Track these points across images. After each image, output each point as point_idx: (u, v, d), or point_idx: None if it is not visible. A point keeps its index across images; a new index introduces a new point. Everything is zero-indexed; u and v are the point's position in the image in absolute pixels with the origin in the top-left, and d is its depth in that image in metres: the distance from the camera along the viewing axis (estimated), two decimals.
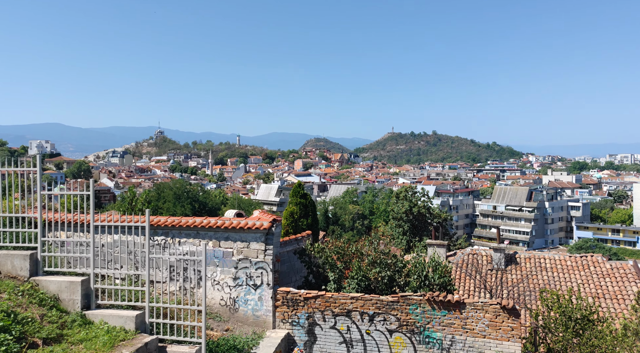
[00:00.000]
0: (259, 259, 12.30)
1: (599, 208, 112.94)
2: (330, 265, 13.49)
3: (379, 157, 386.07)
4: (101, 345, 8.44)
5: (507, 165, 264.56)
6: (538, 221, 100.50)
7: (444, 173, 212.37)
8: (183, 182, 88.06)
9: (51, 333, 8.47)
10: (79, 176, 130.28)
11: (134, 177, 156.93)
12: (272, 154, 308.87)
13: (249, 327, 12.19)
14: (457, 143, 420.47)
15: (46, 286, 9.66)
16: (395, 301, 11.69)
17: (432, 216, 34.42)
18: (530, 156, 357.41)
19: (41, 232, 9.92)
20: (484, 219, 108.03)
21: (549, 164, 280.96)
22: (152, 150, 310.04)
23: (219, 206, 75.36)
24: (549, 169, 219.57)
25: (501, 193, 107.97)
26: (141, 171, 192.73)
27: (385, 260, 12.90)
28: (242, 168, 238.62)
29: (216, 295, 12.52)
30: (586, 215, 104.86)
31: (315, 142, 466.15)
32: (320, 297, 12.13)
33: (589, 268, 17.32)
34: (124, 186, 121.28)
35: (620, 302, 15.50)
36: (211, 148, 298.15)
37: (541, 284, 16.70)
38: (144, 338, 9.11)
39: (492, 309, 11.00)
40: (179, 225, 12.51)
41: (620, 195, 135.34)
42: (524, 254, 19.02)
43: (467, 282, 17.59)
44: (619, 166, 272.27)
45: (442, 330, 11.42)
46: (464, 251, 19.60)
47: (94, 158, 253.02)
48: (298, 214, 18.71)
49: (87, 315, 9.49)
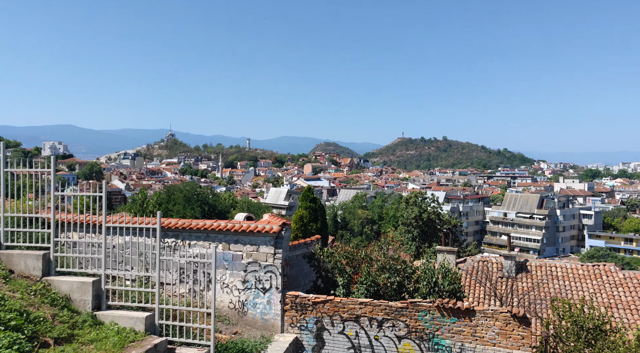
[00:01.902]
0: (268, 262, 12.31)
1: (612, 216, 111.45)
2: (339, 270, 13.46)
3: (388, 162, 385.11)
4: (111, 346, 8.51)
5: (518, 172, 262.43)
6: (549, 229, 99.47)
7: (454, 179, 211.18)
8: (193, 184, 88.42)
9: (62, 333, 8.56)
10: (91, 178, 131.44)
11: (144, 179, 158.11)
12: (282, 158, 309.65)
13: (257, 330, 12.19)
14: (468, 149, 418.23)
15: (58, 286, 9.77)
16: (404, 308, 11.62)
17: (441, 223, 34.21)
18: (541, 163, 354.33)
19: (54, 233, 10.04)
20: (494, 226, 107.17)
21: (560, 172, 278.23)
22: (163, 152, 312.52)
23: (228, 209, 75.51)
24: (561, 177, 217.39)
25: (512, 200, 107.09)
26: (152, 173, 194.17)
27: (394, 266, 12.84)
28: (251, 171, 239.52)
29: (225, 298, 12.54)
30: (598, 224, 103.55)
31: (325, 146, 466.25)
32: (329, 302, 12.10)
33: (602, 277, 17.09)
34: (135, 188, 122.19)
35: (634, 313, 15.26)
36: (221, 151, 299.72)
37: (552, 293, 16.51)
38: (154, 340, 9.16)
39: (503, 317, 10.90)
40: (189, 228, 12.57)
41: (634, 204, 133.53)
42: (535, 262, 18.81)
43: (476, 289, 17.44)
44: (633, 175, 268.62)
45: (451, 338, 11.32)
46: (474, 258, 19.45)
47: (106, 160, 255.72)
48: (307, 218, 18.70)
49: (98, 315, 9.57)
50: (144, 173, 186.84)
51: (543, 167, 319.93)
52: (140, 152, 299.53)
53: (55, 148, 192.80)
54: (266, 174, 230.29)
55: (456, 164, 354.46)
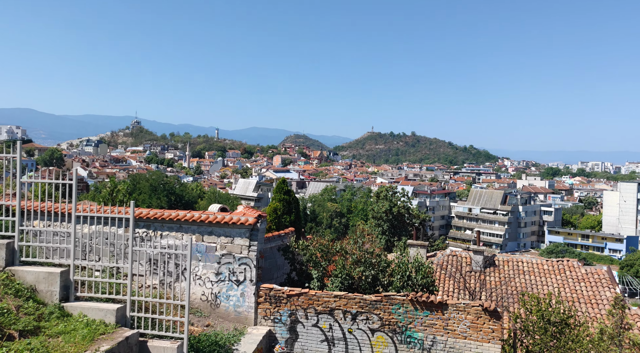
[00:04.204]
0: (242, 255, 12.15)
1: (570, 213, 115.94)
2: (314, 263, 13.44)
3: (358, 156, 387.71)
4: (80, 339, 8.20)
5: (483, 169, 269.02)
6: (511, 225, 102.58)
7: (421, 174, 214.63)
8: (160, 174, 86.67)
9: (28, 325, 8.19)
10: (51, 164, 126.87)
11: (108, 167, 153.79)
12: (251, 149, 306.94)
13: (230, 323, 12.05)
14: (435, 145, 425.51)
15: (23, 277, 9.33)
16: (378, 301, 11.70)
17: (411, 217, 34.69)
18: (505, 160, 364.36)
19: (19, 221, 9.58)
20: (459, 221, 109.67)
21: (523, 169, 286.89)
22: (128, 140, 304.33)
23: (195, 200, 74.43)
24: (523, 174, 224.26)
25: (477, 196, 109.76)
26: (116, 161, 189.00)
27: (369, 259, 12.90)
28: (220, 161, 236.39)
29: (197, 290, 12.33)
30: (558, 220, 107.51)
31: (294, 138, 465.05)
32: (303, 295, 12.07)
33: (565, 273, 17.70)
34: (98, 176, 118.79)
35: (594, 307, 15.89)
36: (189, 141, 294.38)
37: (519, 287, 17.00)
38: (125, 333, 8.89)
39: (474, 311, 11.12)
40: (162, 218, 12.27)
41: (591, 202, 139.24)
42: (503, 257, 19.32)
43: (446, 283, 17.78)
44: (590, 173, 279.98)
45: (423, 331, 11.49)
46: (444, 253, 19.81)
47: (67, 146, 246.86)
48: (281, 210, 18.58)
49: (66, 307, 9.21)
50: (108, 160, 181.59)
51: (507, 164, 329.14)
52: (104, 139, 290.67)
53: (12, 132, 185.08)
54: (235, 165, 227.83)
55: (424, 160, 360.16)
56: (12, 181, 10.35)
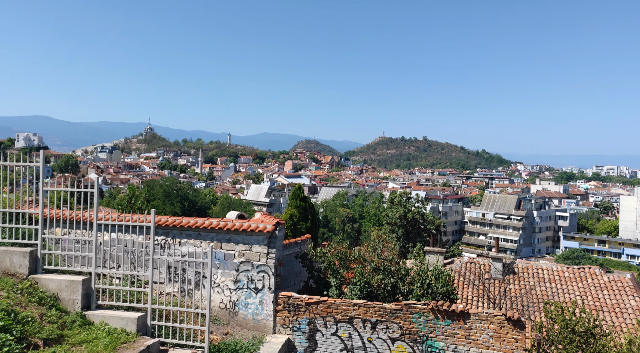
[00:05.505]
0: (261, 262, 12.09)
1: (586, 218, 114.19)
2: (332, 271, 13.32)
3: (369, 161, 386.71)
4: (102, 348, 8.20)
5: (496, 173, 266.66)
6: (526, 230, 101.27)
7: (433, 179, 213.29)
8: (173, 180, 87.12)
9: (52, 333, 8.22)
10: (66, 171, 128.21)
11: (122, 173, 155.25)
12: (263, 155, 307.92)
13: (249, 331, 11.98)
14: (447, 149, 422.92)
15: (45, 285, 9.39)
16: (398, 310, 11.55)
17: (425, 223, 34.41)
18: (518, 164, 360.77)
19: (42, 229, 9.64)
20: (473, 227, 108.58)
21: (537, 174, 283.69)
22: (142, 147, 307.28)
23: (208, 206, 74.65)
24: (537, 179, 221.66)
25: (490, 201, 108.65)
26: (130, 167, 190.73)
27: (388, 267, 12.76)
28: (231, 167, 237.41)
29: (216, 297, 12.28)
30: (573, 225, 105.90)
31: (306, 144, 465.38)
32: (322, 303, 11.95)
33: (587, 280, 17.36)
34: (112, 182, 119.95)
35: (619, 316, 15.53)
36: (201, 147, 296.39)
37: (540, 295, 16.70)
38: (146, 341, 8.89)
39: (497, 320, 10.92)
40: (180, 225, 12.26)
41: (607, 206, 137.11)
42: (522, 264, 19.01)
43: (465, 291, 17.53)
44: (605, 178, 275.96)
45: (445, 340, 11.30)
46: (462, 259, 19.56)
47: (82, 153, 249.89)
48: (297, 217, 18.51)
49: (87, 315, 9.24)
50: (122, 167, 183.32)
51: (520, 169, 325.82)
52: (118, 145, 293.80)
53: (29, 139, 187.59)
54: (246, 170, 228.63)
55: (435, 164, 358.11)
56: (30, 189, 10.42)
